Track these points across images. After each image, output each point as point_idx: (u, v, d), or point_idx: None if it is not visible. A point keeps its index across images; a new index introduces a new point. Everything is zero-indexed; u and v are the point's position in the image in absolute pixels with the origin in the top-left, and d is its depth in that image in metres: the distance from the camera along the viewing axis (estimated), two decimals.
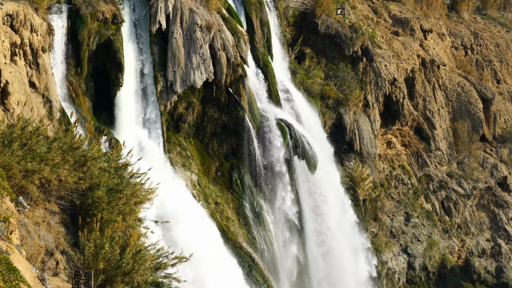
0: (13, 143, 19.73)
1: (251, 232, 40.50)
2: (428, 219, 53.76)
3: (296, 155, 42.24)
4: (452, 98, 59.02)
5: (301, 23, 50.06)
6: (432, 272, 51.86)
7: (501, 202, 57.16)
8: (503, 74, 65.07)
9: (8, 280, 13.85)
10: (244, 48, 40.95)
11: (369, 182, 49.18)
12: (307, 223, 43.41)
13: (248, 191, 40.99)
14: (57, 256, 19.30)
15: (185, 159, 39.23)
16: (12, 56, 28.70)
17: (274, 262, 41.37)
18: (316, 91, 48.01)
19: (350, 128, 48.33)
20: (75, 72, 34.72)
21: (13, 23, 28.90)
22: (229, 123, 40.89)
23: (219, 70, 39.29)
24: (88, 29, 34.57)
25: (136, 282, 18.96)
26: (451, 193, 55.49)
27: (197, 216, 36.67)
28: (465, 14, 67.40)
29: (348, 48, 49.53)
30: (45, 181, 20.22)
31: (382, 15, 59.06)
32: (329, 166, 45.75)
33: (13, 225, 16.32)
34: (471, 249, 54.93)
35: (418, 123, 55.09)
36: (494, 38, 66.98)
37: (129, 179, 22.36)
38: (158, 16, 37.62)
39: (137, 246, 19.21)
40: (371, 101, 50.96)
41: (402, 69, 54.05)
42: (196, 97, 39.88)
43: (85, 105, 35.05)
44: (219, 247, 36.82)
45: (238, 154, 41.32)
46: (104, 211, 20.40)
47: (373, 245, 49.53)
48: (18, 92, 27.35)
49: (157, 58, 38.24)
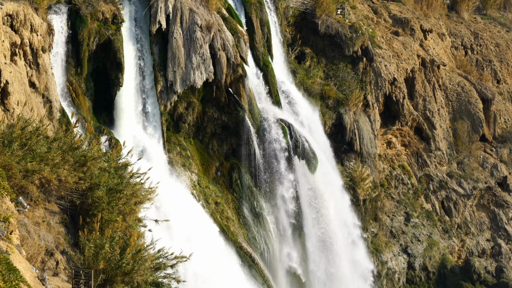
0: (13, 143, 19.73)
1: (251, 232, 40.50)
2: (428, 219, 53.76)
3: (296, 155, 42.23)
4: (452, 98, 59.02)
5: (301, 23, 50.05)
6: (432, 272, 51.86)
7: (501, 202, 57.16)
8: (503, 74, 65.07)
9: (8, 280, 13.85)
10: (244, 48, 40.95)
11: (369, 182, 49.17)
12: (307, 223, 43.41)
13: (248, 191, 40.99)
14: (57, 256, 19.30)
15: (185, 159, 39.23)
16: (12, 56, 28.69)
17: (274, 262, 41.37)
18: (316, 91, 48.01)
19: (350, 128, 48.32)
20: (75, 72, 34.71)
21: (13, 23, 28.89)
22: (229, 123, 40.89)
23: (219, 70, 39.29)
24: (88, 29, 34.56)
25: (136, 282, 18.97)
26: (451, 193, 55.48)
27: (197, 216, 36.67)
28: (465, 14, 67.39)
29: (348, 48, 49.53)
30: (45, 181, 20.22)
31: (382, 15, 59.05)
32: (329, 166, 45.73)
33: (13, 225, 16.31)
34: (471, 249, 54.93)
35: (418, 123, 55.09)
36: (494, 38, 66.97)
37: (129, 179, 22.36)
38: (158, 16, 37.61)
39: (137, 246, 19.22)
40: (371, 101, 50.96)
41: (402, 69, 54.05)
42: (196, 97, 39.88)
43: (85, 105, 35.04)
44: (220, 247, 36.81)
45: (238, 154, 41.32)
46: (104, 211, 20.40)
47: (373, 245, 49.52)
48: (18, 92, 27.35)
49: (157, 58, 38.24)
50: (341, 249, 45.12)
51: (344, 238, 45.79)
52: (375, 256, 49.06)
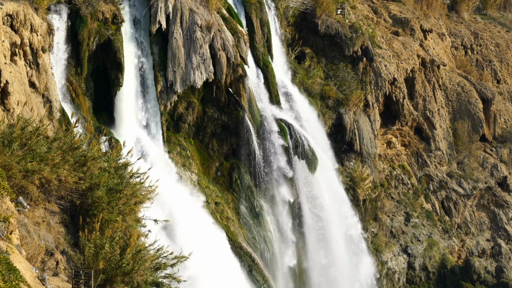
0: (13, 143, 19.72)
1: (251, 232, 40.51)
2: (428, 219, 53.76)
3: (296, 155, 42.24)
4: (452, 98, 59.03)
5: (301, 23, 50.05)
6: (432, 272, 51.85)
7: (501, 202, 57.16)
8: (503, 74, 65.07)
9: (8, 280, 13.85)
10: (244, 48, 40.95)
11: (369, 182, 49.17)
12: (307, 223, 43.42)
13: (248, 191, 41.00)
14: (57, 256, 19.29)
15: (185, 159, 39.24)
16: (12, 56, 28.70)
17: (274, 262, 41.38)
18: (316, 91, 48.01)
19: (350, 128, 48.33)
20: (75, 72, 34.71)
21: (13, 23, 28.90)
22: (229, 123, 40.90)
23: (219, 70, 39.30)
24: (88, 29, 34.57)
25: (136, 282, 18.96)
26: (451, 193, 55.48)
27: (197, 216, 36.67)
28: (465, 14, 67.39)
29: (348, 48, 49.53)
30: (45, 181, 20.21)
31: (382, 15, 59.05)
32: (329, 166, 45.74)
33: (13, 225, 16.31)
34: (471, 249, 54.93)
35: (418, 123, 55.09)
36: (494, 38, 66.97)
37: (129, 179, 22.35)
38: (158, 16, 37.62)
39: (137, 246, 19.21)
40: (371, 101, 50.96)
41: (402, 69, 54.05)
42: (196, 97, 39.89)
43: (85, 105, 35.05)
44: (220, 247, 36.82)
45: (238, 154, 41.33)
46: (104, 211, 20.39)
47: (373, 245, 49.53)
48: (18, 92, 27.35)
49: (157, 58, 38.24)
50: (341, 249, 45.13)
51: (344, 238, 45.80)
52: (375, 256, 49.06)
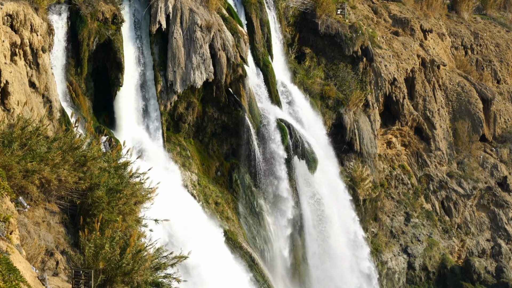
0: (13, 143, 19.73)
1: (251, 232, 40.51)
2: (428, 219, 53.76)
3: (296, 155, 42.23)
4: (452, 98, 59.03)
5: (301, 23, 50.05)
6: (432, 272, 51.86)
7: (501, 202, 57.16)
8: (503, 74, 65.07)
9: (8, 280, 13.85)
10: (244, 48, 40.95)
11: (369, 182, 49.18)
12: (307, 223, 43.42)
13: (248, 191, 40.99)
14: (57, 256, 19.30)
15: (185, 159, 39.24)
16: (12, 56, 28.70)
17: (274, 262, 41.39)
18: (316, 91, 48.01)
19: (350, 128, 48.32)
20: (75, 72, 34.72)
21: (13, 23, 28.89)
22: (229, 123, 40.90)
23: (219, 70, 39.29)
24: (88, 29, 34.57)
25: (136, 282, 18.96)
26: (451, 193, 55.48)
27: (197, 216, 36.68)
28: (465, 14, 67.39)
29: (348, 48, 49.53)
30: (45, 181, 20.21)
31: (382, 15, 59.06)
32: (329, 166, 45.74)
33: (13, 225, 16.32)
34: (471, 249, 54.93)
35: (418, 123, 55.09)
36: (494, 38, 66.97)
37: (129, 179, 22.36)
38: (158, 16, 37.62)
39: (137, 246, 19.21)
40: (371, 101, 50.96)
41: (402, 69, 54.05)
42: (196, 97, 39.89)
43: (85, 105, 35.06)
44: (220, 247, 36.82)
45: (238, 154, 41.33)
46: (104, 211, 20.39)
47: (373, 245, 49.53)
48: (18, 92, 27.35)
49: (157, 58, 38.24)
50: (341, 248, 45.13)
51: (344, 238, 45.79)
52: (375, 256, 49.06)
